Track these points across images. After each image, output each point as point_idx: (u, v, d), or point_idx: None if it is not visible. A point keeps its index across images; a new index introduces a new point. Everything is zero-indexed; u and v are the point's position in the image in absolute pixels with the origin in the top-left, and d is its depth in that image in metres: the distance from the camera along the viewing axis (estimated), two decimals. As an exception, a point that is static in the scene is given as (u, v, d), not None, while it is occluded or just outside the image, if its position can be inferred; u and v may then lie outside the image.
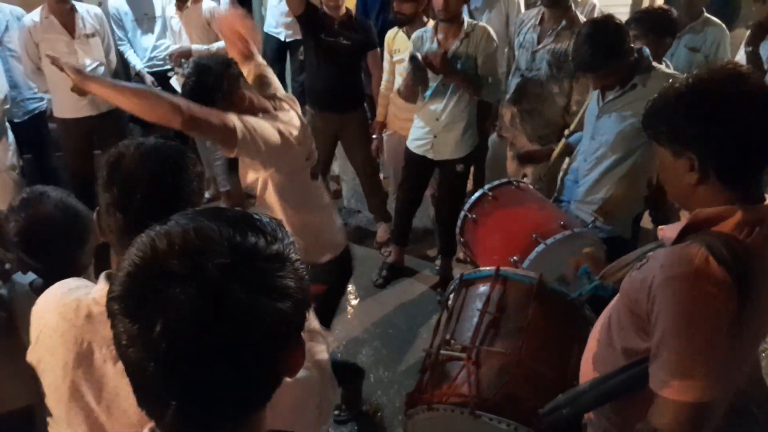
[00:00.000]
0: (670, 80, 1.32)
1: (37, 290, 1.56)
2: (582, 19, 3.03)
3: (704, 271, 1.13)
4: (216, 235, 0.67)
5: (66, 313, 1.11)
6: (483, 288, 2.00)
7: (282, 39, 4.87)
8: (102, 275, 1.14)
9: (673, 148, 1.24)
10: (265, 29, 4.89)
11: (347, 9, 3.56)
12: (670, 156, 1.25)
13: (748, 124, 1.17)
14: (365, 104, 3.93)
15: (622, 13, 4.71)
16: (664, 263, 1.20)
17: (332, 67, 3.60)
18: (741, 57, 3.11)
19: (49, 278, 1.55)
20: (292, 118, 2.02)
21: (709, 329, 1.14)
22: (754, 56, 2.83)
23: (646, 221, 3.48)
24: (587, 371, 1.50)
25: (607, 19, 2.31)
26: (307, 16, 3.50)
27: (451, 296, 2.12)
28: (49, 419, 1.15)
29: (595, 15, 3.69)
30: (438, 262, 3.81)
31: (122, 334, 0.68)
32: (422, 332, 3.34)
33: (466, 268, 3.68)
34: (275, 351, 0.70)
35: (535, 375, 1.74)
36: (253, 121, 1.85)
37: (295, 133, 1.99)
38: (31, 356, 1.15)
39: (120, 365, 1.03)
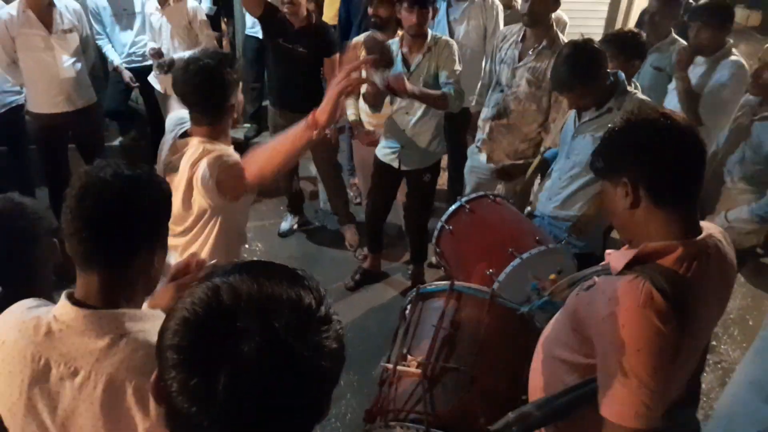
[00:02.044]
0: (644, 106, 1.43)
1: None
2: (562, 38, 3.12)
3: (650, 304, 1.23)
4: (279, 294, 0.70)
5: (25, 330, 1.12)
6: (438, 302, 2.06)
7: (261, 39, 4.88)
8: (63, 294, 1.15)
9: (611, 180, 1.38)
10: (246, 31, 4.89)
11: (309, 14, 3.55)
12: (610, 188, 1.39)
13: (671, 149, 1.31)
14: None
15: (596, 33, 4.86)
16: (612, 297, 1.30)
17: (290, 71, 3.63)
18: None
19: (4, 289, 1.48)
20: None
21: (655, 360, 1.23)
22: (683, 80, 2.99)
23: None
24: (534, 383, 1.61)
25: (587, 43, 2.40)
26: (265, 19, 3.53)
27: (408, 308, 2.17)
28: None
29: (565, 33, 3.81)
30: (411, 267, 3.87)
31: (174, 383, 0.68)
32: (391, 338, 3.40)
33: (438, 273, 3.77)
34: (318, 410, 0.74)
35: (488, 390, 1.81)
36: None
37: None
38: None
39: (77, 381, 1.07)
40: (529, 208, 3.28)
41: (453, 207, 2.60)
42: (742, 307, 3.81)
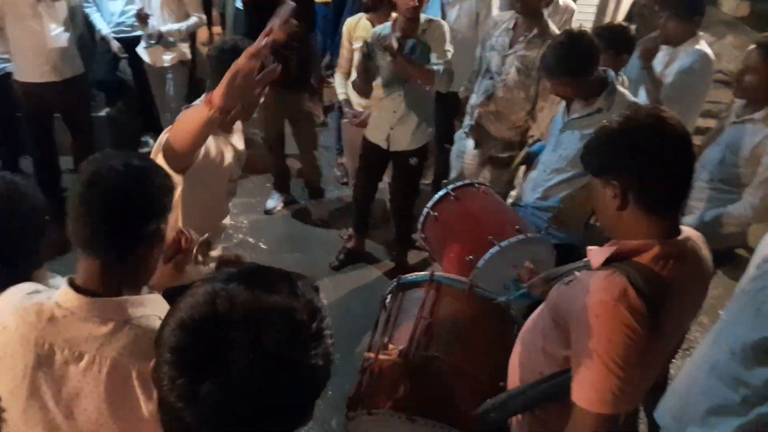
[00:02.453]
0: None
1: None
2: (553, 28, 3.14)
3: (623, 299, 1.29)
4: (273, 307, 0.74)
5: (27, 316, 1.15)
6: (419, 293, 2.12)
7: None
8: (65, 280, 1.18)
9: (601, 179, 1.42)
10: (237, 4, 4.83)
11: None
12: (599, 186, 1.43)
13: (664, 160, 1.34)
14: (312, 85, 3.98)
15: (587, 21, 4.87)
16: (590, 289, 1.36)
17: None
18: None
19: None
20: None
21: (624, 351, 1.29)
22: (650, 72, 3.04)
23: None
24: (514, 373, 1.68)
25: (583, 35, 2.42)
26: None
27: (389, 298, 2.23)
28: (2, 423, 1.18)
29: (572, 22, 3.83)
30: (395, 249, 3.92)
31: (165, 378, 0.73)
32: (374, 319, 3.45)
33: (422, 255, 3.83)
34: (300, 418, 0.78)
35: (467, 378, 1.87)
36: None
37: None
38: None
39: (82, 365, 1.12)
40: (512, 195, 3.34)
41: (439, 194, 2.64)
42: (713, 296, 3.90)
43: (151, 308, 1.18)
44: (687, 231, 1.44)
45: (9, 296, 1.21)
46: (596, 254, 1.44)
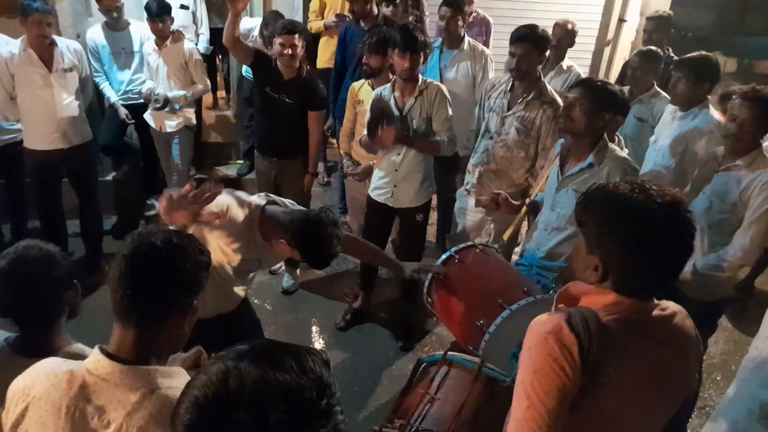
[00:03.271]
0: (620, 169, 1.43)
1: (12, 346, 1.58)
2: (551, 90, 3.23)
3: (556, 333, 1.27)
4: (281, 386, 0.76)
5: (59, 384, 1.18)
6: (431, 369, 2.14)
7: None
8: (96, 348, 1.22)
9: (587, 245, 1.37)
10: (243, 72, 4.97)
11: (301, 66, 3.60)
12: (584, 248, 1.39)
13: (649, 252, 1.28)
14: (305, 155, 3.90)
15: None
16: (529, 327, 1.36)
17: (274, 119, 3.69)
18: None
19: (25, 332, 1.60)
20: None
21: (547, 385, 1.26)
22: None
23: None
24: None
25: (606, 83, 2.53)
26: (256, 67, 3.62)
27: (410, 376, 2.27)
28: None
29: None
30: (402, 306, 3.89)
31: None
32: (383, 379, 3.42)
33: (429, 314, 3.80)
34: None
35: None
36: None
37: None
38: (12, 428, 1.20)
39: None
40: (517, 251, 3.35)
41: (443, 257, 2.64)
42: (724, 352, 3.87)
43: (177, 381, 1.21)
44: (670, 305, 1.40)
45: (40, 366, 1.24)
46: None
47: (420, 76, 3.25)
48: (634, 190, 1.31)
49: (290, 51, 3.44)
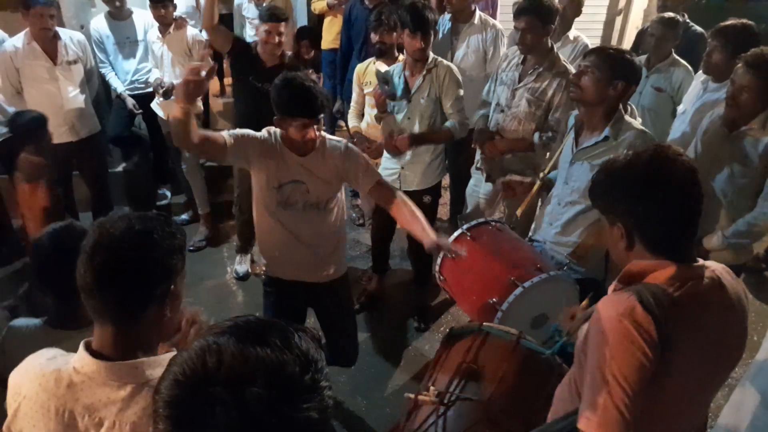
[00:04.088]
0: (639, 141, 1.44)
1: (50, 323, 1.65)
2: (563, 60, 3.15)
3: (629, 314, 1.25)
4: (261, 361, 0.74)
5: (46, 384, 1.15)
6: (466, 341, 2.10)
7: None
8: (81, 344, 1.18)
9: (608, 218, 1.42)
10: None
11: (283, 53, 3.54)
12: (607, 224, 1.42)
13: (666, 204, 1.32)
14: None
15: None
16: (597, 309, 1.33)
17: (257, 109, 3.43)
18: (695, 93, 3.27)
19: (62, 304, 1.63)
20: None
21: (627, 369, 1.24)
22: None
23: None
24: (551, 413, 1.60)
25: (621, 51, 2.45)
26: (235, 55, 3.53)
27: (439, 348, 2.23)
28: None
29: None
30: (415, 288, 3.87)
31: (159, 430, 0.75)
32: (399, 360, 3.42)
33: (444, 295, 3.79)
34: None
35: (499, 424, 1.84)
36: None
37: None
38: (11, 427, 1.18)
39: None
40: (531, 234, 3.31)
41: (455, 234, 2.61)
42: (745, 323, 3.81)
43: None
44: (708, 263, 1.40)
45: (29, 362, 1.21)
46: (613, 283, 1.42)
47: (430, 54, 3.19)
48: (637, 154, 1.39)
49: (277, 39, 3.39)
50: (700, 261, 1.39)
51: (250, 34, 4.89)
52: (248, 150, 2.30)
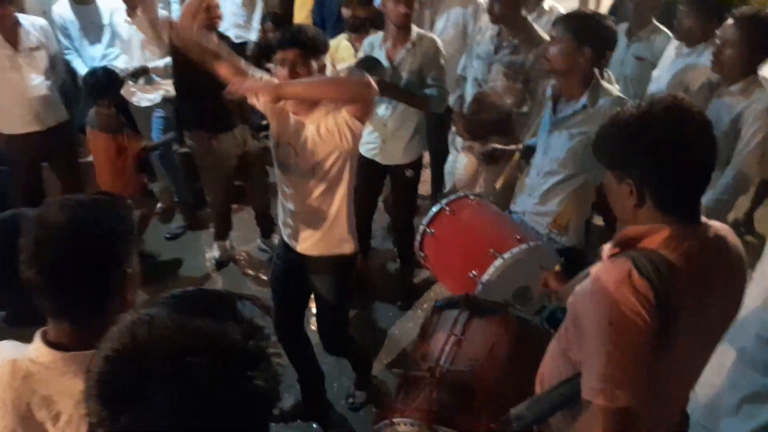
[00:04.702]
0: (617, 108, 1.40)
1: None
2: (540, 32, 3.09)
3: (627, 282, 1.22)
4: (197, 333, 0.69)
5: (1, 376, 1.09)
6: (453, 312, 2.08)
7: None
8: (37, 334, 1.12)
9: (615, 174, 1.34)
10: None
11: (220, 35, 3.44)
12: (614, 180, 1.35)
13: (682, 156, 1.27)
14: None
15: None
16: (593, 277, 1.30)
17: (204, 93, 3.27)
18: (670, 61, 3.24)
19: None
20: None
21: (630, 335, 1.21)
22: None
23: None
24: (539, 383, 1.59)
25: (589, 14, 2.40)
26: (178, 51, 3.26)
27: (425, 321, 2.20)
28: None
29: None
30: (398, 266, 3.85)
31: (91, 410, 0.70)
32: (383, 339, 3.39)
33: (427, 273, 3.76)
34: None
35: (492, 393, 1.82)
36: None
37: None
38: None
39: (60, 425, 1.06)
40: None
41: (433, 210, 2.58)
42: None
43: None
44: (712, 222, 1.36)
45: None
46: (606, 248, 1.38)
47: (413, 27, 3.12)
48: (645, 104, 1.31)
49: (219, 11, 3.33)
50: (704, 219, 1.35)
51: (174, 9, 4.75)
52: None
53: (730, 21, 2.45)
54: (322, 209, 2.35)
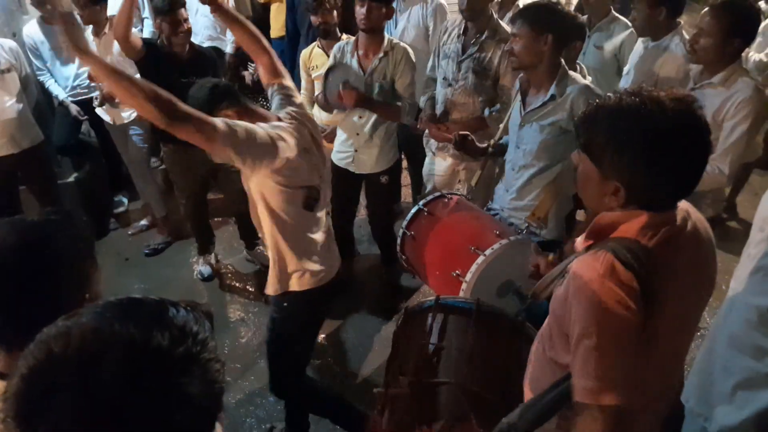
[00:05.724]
0: (584, 96, 1.37)
1: None
2: (504, 26, 3.10)
3: (610, 275, 1.19)
4: (113, 340, 0.66)
5: None
6: (424, 318, 2.03)
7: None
8: None
9: (601, 170, 1.27)
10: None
11: (191, 44, 3.41)
12: (596, 173, 1.28)
13: (682, 167, 1.22)
14: None
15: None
16: (573, 274, 1.26)
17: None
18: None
19: None
20: (287, 131, 2.01)
21: (619, 331, 1.19)
22: None
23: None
24: (527, 388, 1.55)
25: (545, 4, 2.39)
26: (149, 60, 3.30)
27: (398, 330, 2.15)
28: None
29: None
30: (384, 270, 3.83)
31: (7, 429, 0.66)
32: (373, 345, 3.37)
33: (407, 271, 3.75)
34: None
35: (479, 400, 1.77)
36: (236, 121, 1.90)
37: (290, 142, 1.98)
38: None
39: None
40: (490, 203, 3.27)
41: (412, 212, 2.57)
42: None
43: None
44: (680, 203, 1.33)
45: None
46: (579, 241, 1.35)
47: (386, 36, 3.10)
48: (642, 99, 1.21)
49: (186, 26, 3.28)
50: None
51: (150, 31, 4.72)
52: None
53: (705, 10, 2.45)
54: (268, 241, 2.20)
